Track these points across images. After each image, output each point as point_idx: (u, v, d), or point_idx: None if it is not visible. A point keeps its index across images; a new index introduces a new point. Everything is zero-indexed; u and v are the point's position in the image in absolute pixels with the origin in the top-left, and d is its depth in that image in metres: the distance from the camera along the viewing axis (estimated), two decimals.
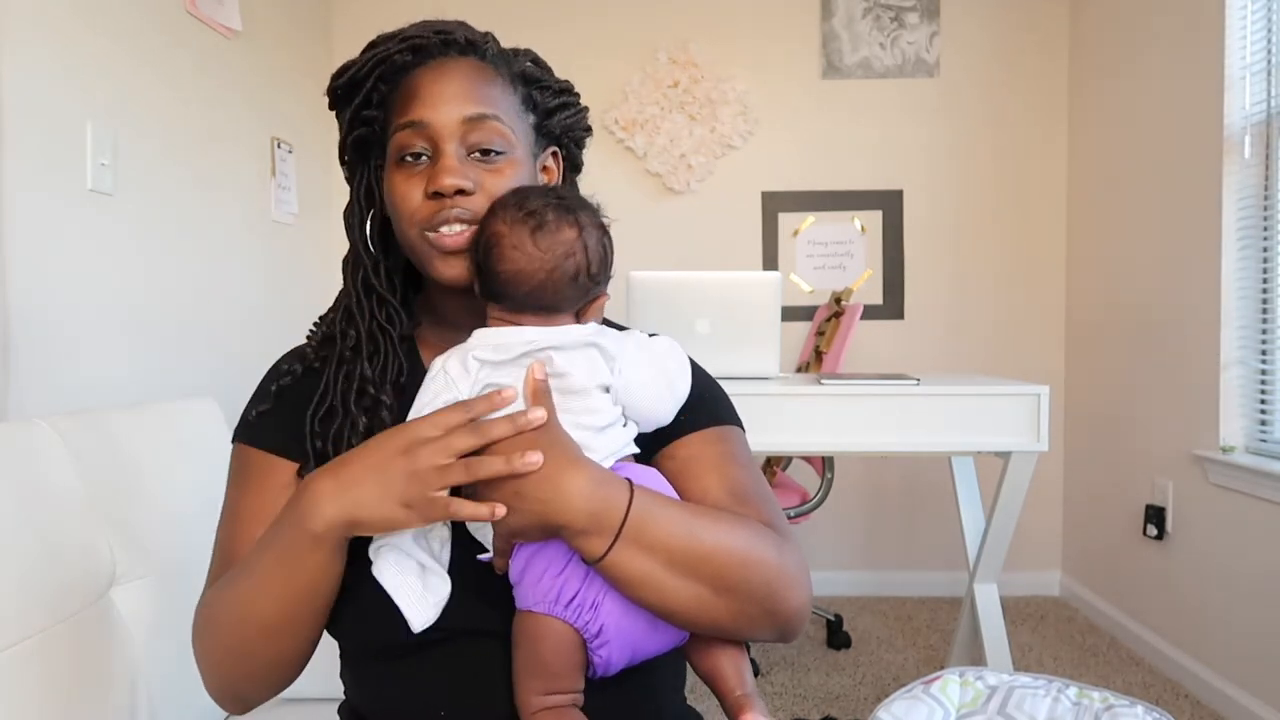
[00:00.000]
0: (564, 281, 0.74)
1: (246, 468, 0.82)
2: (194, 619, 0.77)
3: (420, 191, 0.76)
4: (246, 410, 0.85)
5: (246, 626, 0.72)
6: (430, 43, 0.78)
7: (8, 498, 0.96)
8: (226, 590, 0.74)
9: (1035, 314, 3.19)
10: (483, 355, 0.74)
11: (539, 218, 0.74)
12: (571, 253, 0.74)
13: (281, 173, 2.68)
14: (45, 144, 1.67)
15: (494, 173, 0.77)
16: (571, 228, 0.75)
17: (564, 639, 0.69)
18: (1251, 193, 2.24)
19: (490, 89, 0.78)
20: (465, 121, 0.76)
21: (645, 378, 0.76)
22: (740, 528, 0.74)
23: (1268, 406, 2.21)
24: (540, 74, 0.85)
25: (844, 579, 3.22)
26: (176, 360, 2.11)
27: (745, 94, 3.15)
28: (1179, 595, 2.46)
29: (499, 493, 0.67)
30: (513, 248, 0.73)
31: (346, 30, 3.13)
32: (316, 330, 0.86)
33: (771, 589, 0.73)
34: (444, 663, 0.75)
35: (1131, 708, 0.87)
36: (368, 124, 0.81)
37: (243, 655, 0.73)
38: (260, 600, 0.71)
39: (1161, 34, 2.55)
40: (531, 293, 0.74)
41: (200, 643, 0.76)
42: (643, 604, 0.70)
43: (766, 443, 1.87)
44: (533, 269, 0.73)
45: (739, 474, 0.81)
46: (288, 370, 0.84)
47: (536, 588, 0.70)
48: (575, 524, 0.67)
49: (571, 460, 0.69)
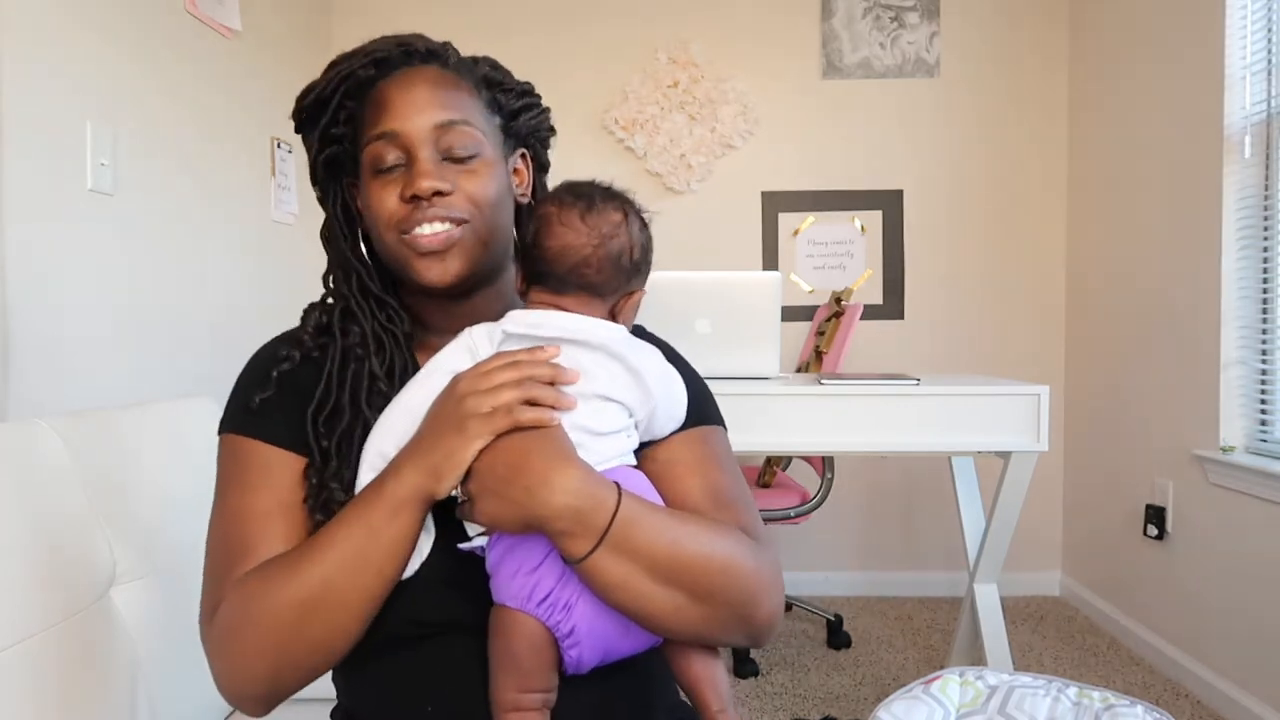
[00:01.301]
0: (608, 260, 0.77)
1: (247, 462, 0.78)
2: (213, 624, 0.73)
3: (396, 197, 0.77)
4: (240, 396, 0.81)
5: (313, 608, 0.69)
6: (392, 55, 0.79)
7: (8, 498, 0.96)
8: (280, 576, 0.70)
9: (1035, 314, 3.19)
10: (512, 329, 0.76)
11: (589, 199, 0.78)
12: (617, 233, 0.78)
13: (281, 173, 2.68)
14: (45, 144, 1.67)
15: (469, 174, 0.78)
16: (618, 211, 0.79)
17: (536, 636, 0.70)
18: (1251, 193, 2.23)
19: (457, 94, 0.80)
20: (437, 128, 0.77)
21: (666, 410, 0.80)
22: (721, 537, 0.74)
23: (1268, 406, 2.21)
24: (501, 77, 0.86)
25: (844, 579, 3.22)
26: (176, 360, 2.11)
27: (745, 94, 3.15)
28: (1179, 595, 2.46)
29: (487, 480, 0.68)
30: (561, 224, 0.77)
31: (346, 30, 3.13)
32: (309, 317, 0.85)
33: (748, 597, 0.74)
34: (428, 658, 0.75)
35: (1131, 708, 0.87)
36: (337, 141, 0.82)
37: (295, 643, 0.70)
38: (338, 575, 0.69)
39: (1161, 34, 2.55)
40: (575, 268, 0.77)
41: (228, 644, 0.71)
42: (619, 608, 0.70)
43: (766, 443, 1.87)
44: (580, 243, 0.77)
45: (720, 477, 0.82)
46: (286, 356, 0.82)
47: (511, 583, 0.70)
48: (558, 521, 0.67)
49: (563, 456, 0.69)
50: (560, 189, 0.80)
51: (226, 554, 0.75)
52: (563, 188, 0.80)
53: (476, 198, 0.78)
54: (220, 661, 0.72)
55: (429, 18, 3.07)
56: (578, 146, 3.13)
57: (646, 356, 0.79)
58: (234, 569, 0.73)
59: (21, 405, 1.59)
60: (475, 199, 0.78)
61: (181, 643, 1.14)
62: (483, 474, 0.68)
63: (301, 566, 0.70)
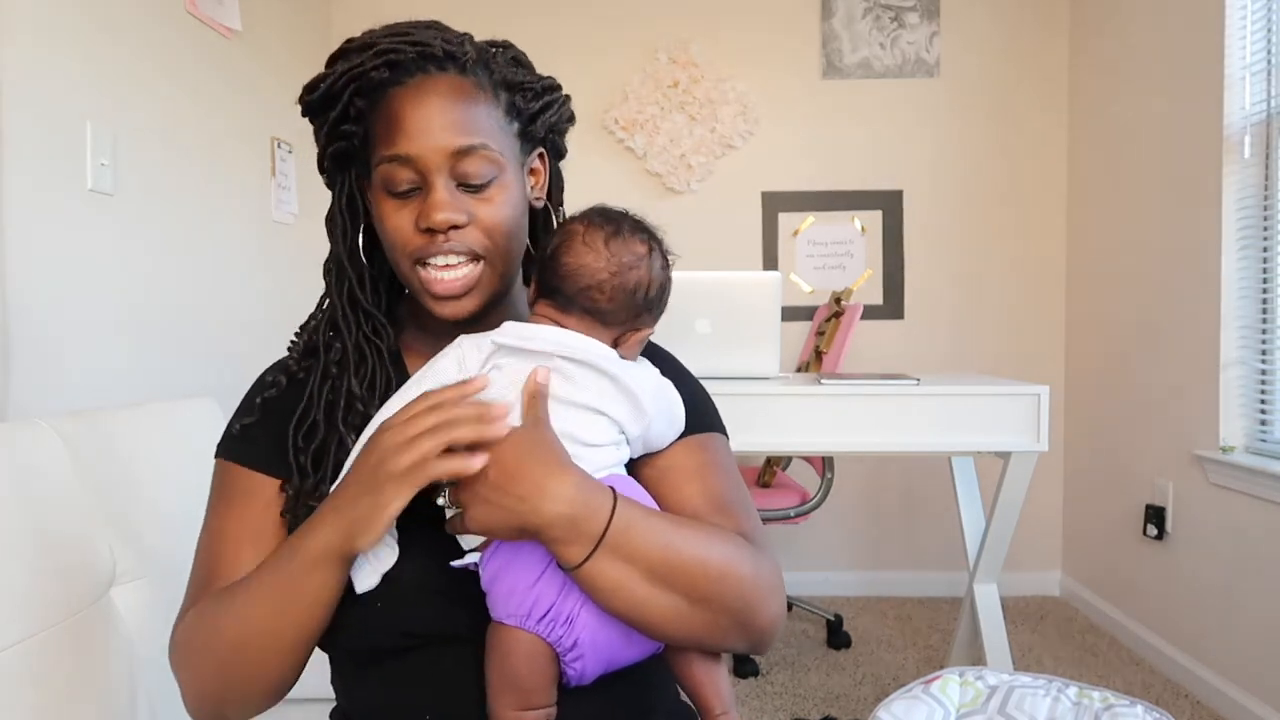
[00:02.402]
0: (621, 290, 0.76)
1: (228, 486, 0.81)
2: (174, 635, 0.76)
3: (411, 224, 0.75)
4: (230, 423, 0.84)
5: (241, 647, 0.71)
6: (407, 57, 0.75)
7: (8, 498, 0.96)
8: (220, 609, 0.73)
9: (1035, 314, 3.19)
10: (503, 340, 0.75)
11: (617, 225, 0.78)
12: (637, 265, 0.77)
13: (281, 173, 2.68)
14: (45, 144, 1.67)
15: (485, 201, 0.76)
16: (644, 244, 0.78)
17: (535, 653, 0.69)
18: (1251, 193, 2.23)
19: (474, 110, 0.76)
20: (453, 154, 0.74)
21: (662, 426, 0.79)
22: (718, 541, 0.73)
23: (1268, 406, 2.21)
24: (522, 76, 0.81)
25: (844, 579, 3.22)
26: (176, 360, 2.11)
27: (745, 94, 3.15)
28: (1179, 595, 2.46)
29: (479, 487, 0.67)
30: (584, 244, 0.76)
31: (346, 30, 3.12)
32: (298, 341, 0.85)
33: (746, 602, 0.73)
34: (425, 668, 0.75)
35: (1131, 708, 0.87)
36: (346, 138, 0.79)
37: (231, 675, 0.72)
38: (259, 620, 0.71)
39: (1161, 34, 2.55)
40: (587, 290, 0.76)
41: (184, 660, 0.75)
42: (617, 614, 0.69)
43: (766, 443, 1.87)
44: (597, 266, 0.76)
45: (719, 483, 0.81)
46: (272, 382, 0.83)
47: (509, 600, 0.69)
48: (554, 527, 0.66)
49: (558, 463, 0.68)
50: (592, 210, 0.79)
51: (199, 573, 0.79)
52: (595, 210, 0.79)
53: (492, 229, 0.76)
54: (178, 673, 0.76)
55: (429, 17, 3.06)
56: (578, 146, 3.09)
57: (639, 376, 0.77)
58: (204, 590, 0.77)
59: (21, 405, 1.59)
60: (491, 230, 0.76)
61: None
62: (474, 481, 0.67)
63: (235, 605, 0.72)
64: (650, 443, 0.79)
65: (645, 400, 0.75)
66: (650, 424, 0.76)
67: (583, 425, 0.73)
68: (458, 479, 0.68)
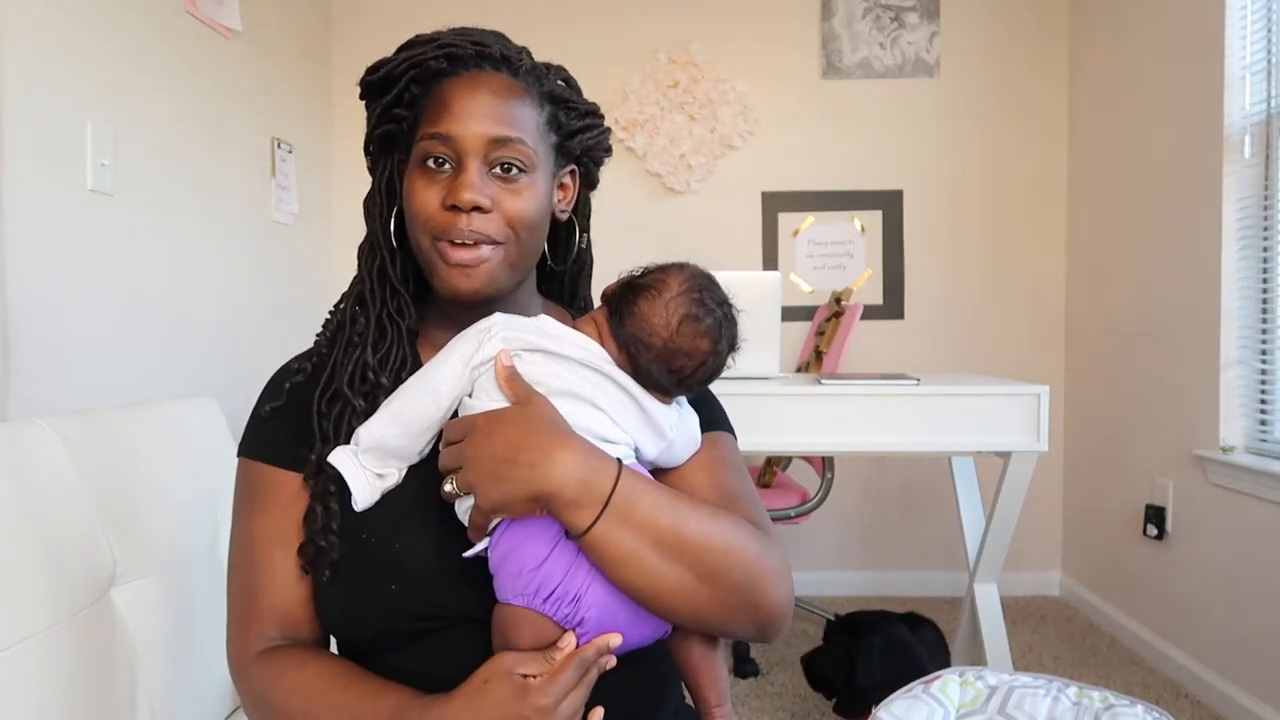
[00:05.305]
0: (662, 362, 0.77)
1: (255, 486, 0.83)
2: (248, 683, 0.78)
3: (438, 200, 0.77)
4: (254, 413, 0.85)
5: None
6: (465, 53, 0.79)
7: (8, 498, 0.96)
8: (291, 705, 0.75)
9: (1035, 314, 3.19)
10: (527, 335, 0.76)
11: (704, 309, 0.77)
12: (692, 354, 0.77)
13: (281, 173, 2.68)
14: (45, 144, 1.67)
15: (513, 193, 0.79)
16: (711, 343, 0.78)
17: (542, 633, 0.70)
18: (1251, 193, 2.23)
19: (518, 108, 0.79)
20: (491, 141, 0.77)
21: (683, 443, 0.81)
22: (724, 518, 0.75)
23: (1268, 406, 2.21)
24: (569, 95, 0.86)
25: (844, 579, 3.22)
26: (176, 360, 2.11)
27: (745, 94, 3.15)
28: (1179, 595, 2.46)
29: (486, 465, 0.69)
30: (664, 305, 0.77)
31: (346, 30, 3.13)
32: (328, 324, 0.88)
33: (753, 581, 0.74)
34: (437, 652, 0.76)
35: (1131, 708, 0.87)
36: (396, 121, 0.82)
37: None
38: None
39: (1161, 34, 2.55)
40: (636, 338, 0.77)
41: (259, 714, 0.78)
42: (626, 586, 0.71)
43: (766, 443, 1.87)
44: (656, 329, 0.76)
45: (727, 476, 0.83)
46: (298, 368, 0.86)
47: (516, 580, 0.70)
48: (564, 492, 0.68)
49: (563, 435, 0.71)
50: (702, 275, 0.80)
51: (239, 578, 0.82)
52: (703, 276, 0.80)
53: (514, 219, 0.79)
54: (250, 708, 0.80)
55: (430, 19, 3.05)
56: None
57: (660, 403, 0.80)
58: (250, 617, 0.80)
59: (22, 405, 1.59)
60: (513, 220, 0.79)
61: (181, 643, 1.14)
62: (481, 460, 0.69)
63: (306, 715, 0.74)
64: (669, 460, 0.81)
65: (663, 423, 0.78)
66: (670, 445, 0.79)
67: (598, 422, 0.75)
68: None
